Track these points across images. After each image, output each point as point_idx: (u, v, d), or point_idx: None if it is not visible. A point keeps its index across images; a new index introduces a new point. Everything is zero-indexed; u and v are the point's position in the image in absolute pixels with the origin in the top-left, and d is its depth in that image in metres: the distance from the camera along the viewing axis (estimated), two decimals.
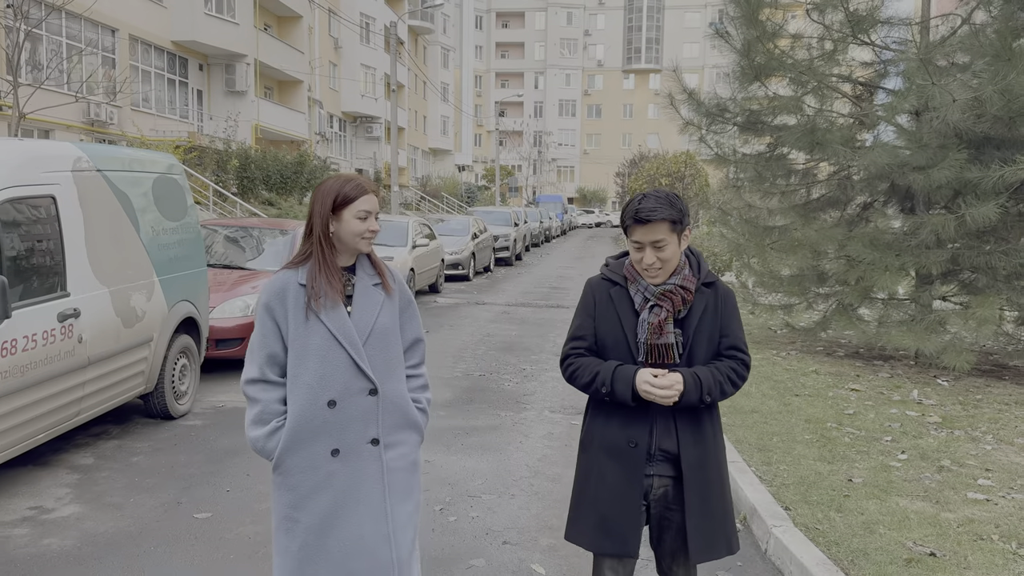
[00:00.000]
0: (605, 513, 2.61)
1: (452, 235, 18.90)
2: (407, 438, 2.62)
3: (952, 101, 8.22)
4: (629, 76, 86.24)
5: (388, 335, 2.59)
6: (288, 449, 2.50)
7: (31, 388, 4.70)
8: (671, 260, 2.56)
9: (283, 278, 2.54)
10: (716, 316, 2.63)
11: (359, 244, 2.55)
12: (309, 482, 2.49)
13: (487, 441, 6.16)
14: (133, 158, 6.22)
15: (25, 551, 4.07)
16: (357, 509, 2.51)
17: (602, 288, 2.69)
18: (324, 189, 2.54)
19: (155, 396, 6.26)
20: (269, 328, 2.52)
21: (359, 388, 2.51)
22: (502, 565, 4.03)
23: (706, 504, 2.60)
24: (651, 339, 2.57)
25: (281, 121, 31.23)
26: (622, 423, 2.60)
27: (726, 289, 2.68)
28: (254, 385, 2.53)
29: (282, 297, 2.51)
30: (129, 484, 5.05)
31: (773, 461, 5.40)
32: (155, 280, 6.12)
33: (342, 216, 2.51)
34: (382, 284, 2.61)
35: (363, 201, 2.52)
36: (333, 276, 2.52)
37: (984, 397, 7.71)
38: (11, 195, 4.67)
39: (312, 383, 2.48)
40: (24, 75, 16.26)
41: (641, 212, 2.51)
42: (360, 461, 2.52)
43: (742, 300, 11.58)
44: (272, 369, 2.53)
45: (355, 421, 2.51)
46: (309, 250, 2.54)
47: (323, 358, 2.48)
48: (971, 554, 3.97)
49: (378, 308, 2.57)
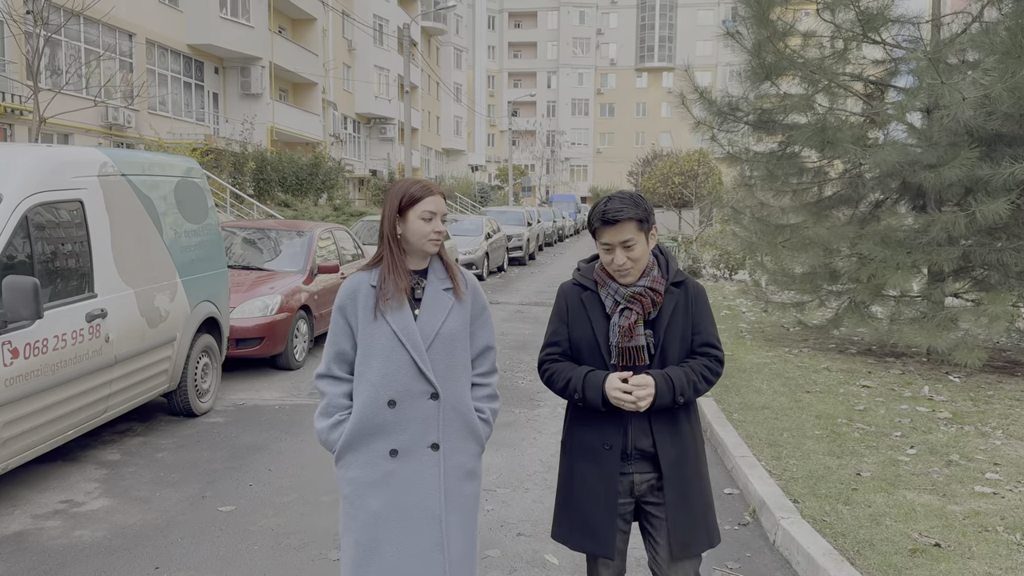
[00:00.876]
0: (584, 514, 2.67)
1: (465, 235, 19.05)
2: (467, 447, 2.62)
3: (962, 99, 8.27)
4: (642, 75, 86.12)
5: (455, 341, 2.59)
6: (349, 444, 2.55)
7: (61, 386, 4.87)
8: (641, 259, 2.59)
9: (357, 279, 2.60)
10: (687, 315, 2.65)
11: (425, 245, 2.56)
12: (366, 479, 2.54)
13: (502, 437, 6.28)
14: (155, 162, 6.39)
15: (58, 542, 4.24)
16: (412, 512, 2.53)
17: (574, 293, 2.72)
18: (393, 192, 2.59)
19: (178, 394, 6.42)
20: (340, 327, 2.59)
21: (420, 391, 2.53)
22: (516, 555, 4.15)
23: (685, 500, 2.63)
24: (622, 342, 2.59)
25: (296, 123, 31.48)
26: (597, 426, 2.64)
27: (696, 286, 2.70)
28: (322, 380, 2.62)
29: (354, 297, 2.57)
30: (155, 479, 5.21)
31: (783, 456, 5.49)
32: (178, 281, 6.29)
33: (408, 217, 2.54)
34: (453, 289, 2.62)
35: (428, 202, 2.55)
36: (400, 278, 2.55)
37: (996, 393, 7.76)
38: (42, 199, 4.84)
39: (375, 381, 2.52)
40: (44, 80, 16.54)
41: (608, 213, 2.54)
42: (418, 464, 2.54)
43: (754, 298, 11.67)
44: (339, 366, 2.60)
45: (415, 423, 2.53)
46: (381, 253, 2.59)
47: (386, 358, 2.52)
48: (975, 545, 4.06)
49: (445, 312, 2.58)
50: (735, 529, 4.57)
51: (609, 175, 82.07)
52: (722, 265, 19.77)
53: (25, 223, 4.68)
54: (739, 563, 4.11)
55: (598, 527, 2.63)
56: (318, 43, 34.53)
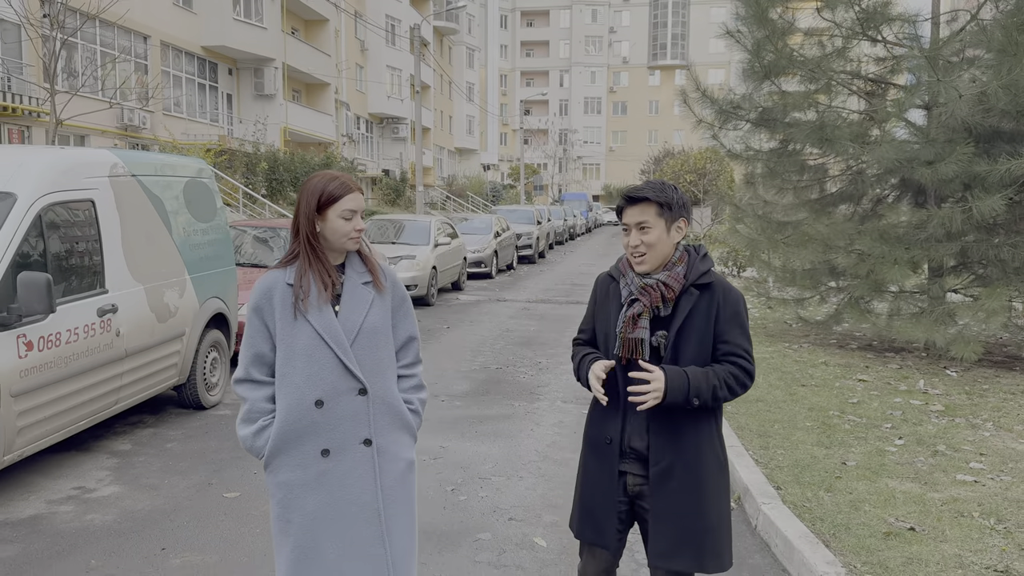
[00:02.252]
0: (589, 504, 2.71)
1: (475, 234, 19.23)
2: (400, 438, 2.59)
3: (959, 97, 8.37)
4: (655, 72, 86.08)
5: (378, 334, 2.55)
6: (277, 448, 2.50)
7: (73, 378, 5.09)
8: (656, 246, 2.54)
9: (271, 278, 2.53)
10: (708, 320, 2.53)
11: (346, 244, 2.53)
12: (299, 481, 2.49)
13: (500, 428, 6.46)
14: (165, 163, 6.61)
15: (70, 525, 4.45)
16: (349, 509, 2.50)
17: (604, 283, 2.76)
18: (309, 188, 2.51)
19: (187, 387, 6.64)
20: (256, 328, 2.52)
21: (347, 388, 2.49)
22: (507, 538, 4.33)
23: (671, 510, 2.56)
24: (624, 332, 2.58)
25: (309, 123, 31.79)
26: (600, 419, 2.68)
27: (729, 293, 2.56)
28: (241, 384, 2.56)
29: (269, 297, 2.50)
30: (164, 467, 5.43)
31: (771, 446, 5.64)
32: (187, 278, 6.50)
33: (327, 216, 2.48)
34: (373, 282, 2.57)
35: (348, 200, 2.49)
36: (319, 275, 2.49)
37: (991, 387, 7.85)
38: (55, 199, 5.06)
39: (299, 383, 2.47)
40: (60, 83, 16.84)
41: (631, 191, 2.57)
42: (352, 461, 2.50)
43: (756, 295, 11.78)
44: (259, 369, 2.53)
45: (345, 421, 2.49)
46: (296, 250, 2.52)
47: (310, 358, 2.46)
48: (949, 529, 4.19)
49: (367, 307, 2.54)
50: None
51: (622, 173, 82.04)
52: (730, 263, 19.85)
53: (39, 222, 4.90)
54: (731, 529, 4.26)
55: (599, 518, 2.67)
56: (331, 44, 34.83)
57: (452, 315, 12.97)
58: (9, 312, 4.49)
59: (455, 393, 7.63)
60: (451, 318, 12.56)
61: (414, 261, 13.76)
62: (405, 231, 15.27)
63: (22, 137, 20.14)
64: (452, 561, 4.05)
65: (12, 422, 4.56)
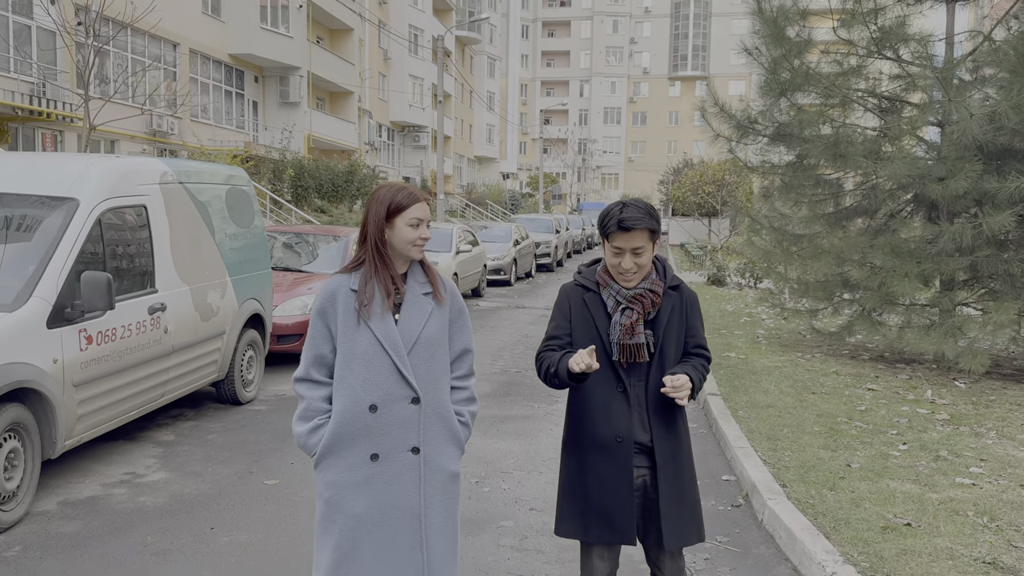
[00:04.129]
0: (603, 507, 2.76)
1: (495, 241, 19.60)
2: (447, 450, 2.65)
3: (970, 116, 8.64)
4: (675, 83, 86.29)
5: (435, 345, 2.62)
6: (329, 448, 2.56)
7: (126, 371, 5.47)
8: (646, 266, 2.77)
9: (336, 283, 2.60)
10: (682, 317, 2.85)
11: (411, 251, 2.61)
12: (347, 482, 2.55)
13: (520, 428, 6.79)
14: (209, 171, 7.01)
15: (125, 506, 4.82)
16: (392, 514, 2.55)
17: (576, 293, 2.87)
18: (378, 197, 2.61)
19: (226, 383, 7.02)
20: (319, 330, 2.60)
21: (401, 395, 2.55)
22: (528, 526, 4.65)
23: (678, 493, 2.78)
24: (623, 339, 2.75)
25: (332, 131, 32.34)
26: (605, 420, 2.77)
27: (690, 292, 2.90)
28: (300, 383, 2.63)
29: (333, 301, 2.58)
30: (206, 456, 5.79)
31: (779, 448, 5.92)
32: (228, 280, 6.89)
33: (395, 224, 2.58)
34: (433, 293, 2.65)
35: (415, 209, 2.59)
36: (383, 283, 2.57)
37: (998, 398, 8.08)
38: (113, 205, 5.45)
39: (356, 386, 2.54)
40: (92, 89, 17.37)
41: (625, 221, 2.70)
42: (399, 467, 2.56)
43: (771, 305, 12.05)
44: (319, 370, 2.61)
45: (395, 428, 2.56)
46: (362, 256, 2.61)
47: (368, 363, 2.53)
48: (944, 525, 4.47)
49: (426, 317, 2.61)
50: (728, 510, 5.02)
51: (640, 184, 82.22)
52: (747, 274, 20.08)
53: (99, 225, 5.29)
54: (728, 538, 4.56)
55: (617, 517, 2.74)
56: (355, 53, 35.41)
57: (473, 321, 13.28)
58: (73, 308, 4.88)
59: (477, 394, 7.93)
60: (472, 323, 12.90)
61: (436, 267, 14.10)
62: None
63: (55, 142, 20.74)
64: (478, 544, 4.38)
65: (73, 410, 4.94)
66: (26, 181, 5.34)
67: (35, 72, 19.25)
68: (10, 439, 4.50)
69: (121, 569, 4.00)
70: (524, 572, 4.09)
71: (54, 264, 4.88)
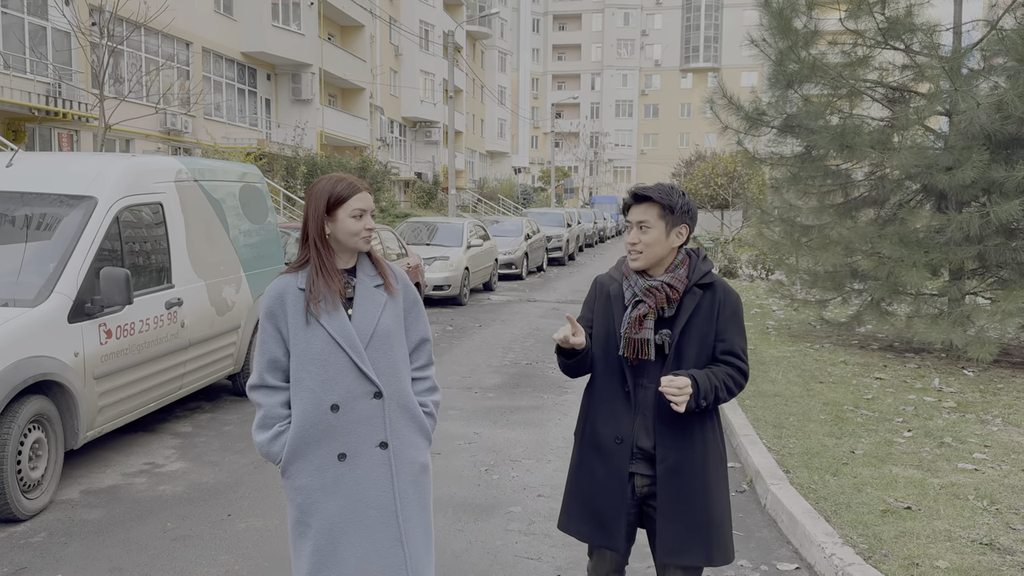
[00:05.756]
0: (594, 506, 2.68)
1: (506, 236, 19.71)
2: (415, 441, 2.61)
3: (976, 106, 8.67)
4: (687, 75, 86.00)
5: (391, 337, 2.56)
6: (294, 453, 2.51)
7: (145, 364, 5.62)
8: (652, 247, 2.59)
9: (282, 283, 2.52)
10: (711, 319, 2.60)
11: (357, 243, 2.53)
12: (316, 486, 2.50)
13: (530, 418, 6.90)
14: (223, 169, 7.15)
15: (145, 494, 4.98)
16: (368, 513, 2.52)
17: (604, 284, 2.77)
18: (316, 191, 2.52)
19: (242, 376, 7.17)
20: (270, 334, 2.52)
21: (363, 391, 2.50)
22: (536, 512, 4.77)
23: (679, 507, 2.59)
24: (629, 333, 2.60)
25: (344, 127, 32.53)
26: (608, 419, 2.66)
27: (728, 293, 2.64)
28: (256, 391, 2.56)
29: (282, 302, 2.50)
30: (223, 447, 5.95)
31: (784, 435, 6.01)
32: (242, 275, 7.04)
33: (337, 216, 2.49)
34: (384, 285, 2.59)
35: (356, 200, 2.50)
36: (331, 279, 2.50)
37: (1006, 386, 8.12)
38: (130, 202, 5.61)
39: (314, 387, 2.47)
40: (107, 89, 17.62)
41: (637, 189, 2.62)
42: (368, 465, 2.52)
43: (781, 296, 12.09)
44: (273, 375, 2.54)
45: (361, 425, 2.51)
46: (307, 254, 2.53)
47: (324, 362, 2.47)
48: (944, 508, 4.55)
49: (380, 310, 2.55)
50: (733, 496, 5.10)
51: (654, 176, 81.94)
52: (759, 266, 20.10)
53: (116, 222, 5.44)
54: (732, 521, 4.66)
55: (606, 519, 2.65)
56: (366, 49, 35.57)
57: (484, 314, 13.44)
58: (93, 303, 5.03)
59: (487, 386, 8.09)
60: (483, 317, 13.03)
61: (447, 262, 14.26)
62: (439, 233, 15.78)
63: (71, 141, 21.01)
64: (487, 528, 4.51)
65: (94, 402, 5.09)
66: (46, 180, 5.50)
67: (51, 73, 19.51)
68: (34, 430, 4.66)
69: (142, 553, 4.15)
70: (531, 555, 4.21)
71: (74, 261, 5.03)
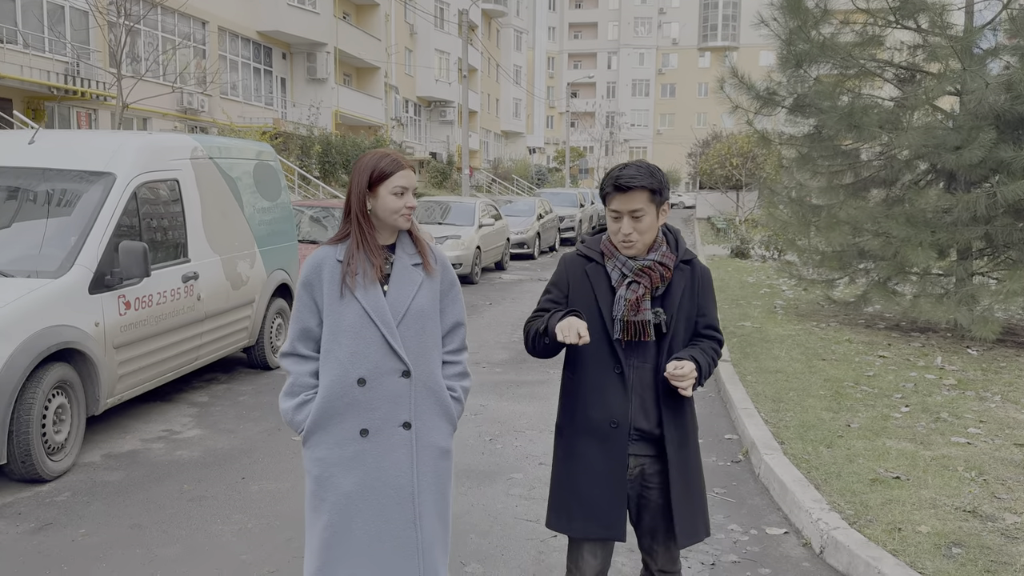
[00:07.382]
0: (590, 498, 2.56)
1: (518, 216, 19.84)
2: (439, 425, 2.57)
3: (985, 86, 8.69)
4: (704, 54, 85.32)
5: (425, 317, 2.53)
6: (317, 424, 2.49)
7: (162, 335, 5.83)
8: (647, 232, 2.52)
9: (321, 254, 2.52)
10: (694, 295, 2.60)
11: (396, 221, 2.51)
12: (336, 459, 2.48)
13: (535, 391, 7.08)
14: (237, 147, 7.32)
15: (164, 459, 5.20)
16: (384, 491, 2.48)
17: (577, 264, 2.63)
18: (360, 166, 2.51)
19: (256, 349, 7.39)
20: (305, 303, 2.51)
21: (391, 368, 2.47)
22: (536, 478, 4.95)
23: (689, 486, 2.59)
24: (627, 316, 2.51)
25: (359, 107, 32.64)
26: (599, 404, 2.56)
27: (703, 268, 2.65)
28: (287, 358, 2.55)
29: (319, 272, 2.50)
30: (238, 416, 6.17)
31: (782, 409, 6.15)
32: (256, 251, 7.23)
33: (378, 193, 2.48)
34: (423, 264, 2.56)
35: (399, 177, 2.48)
36: (372, 253, 2.49)
37: (1008, 365, 8.21)
38: (147, 179, 5.79)
39: (343, 359, 2.45)
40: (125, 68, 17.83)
41: (621, 179, 2.48)
42: (390, 443, 2.49)
43: (788, 275, 12.19)
44: (305, 344, 2.52)
45: (385, 402, 2.48)
46: (349, 227, 2.52)
47: (356, 335, 2.45)
48: (932, 479, 4.69)
49: (415, 288, 2.52)
50: (728, 465, 5.28)
51: (670, 156, 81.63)
52: (771, 246, 20.12)
53: (134, 198, 5.63)
54: (725, 489, 4.83)
55: (606, 510, 2.54)
56: (381, 28, 35.59)
57: (494, 292, 13.61)
58: (112, 275, 5.23)
59: (495, 361, 8.27)
60: (493, 295, 13.20)
61: (459, 241, 14.42)
62: (451, 212, 15.93)
63: (89, 120, 21.28)
64: (489, 493, 4.69)
65: (114, 370, 5.31)
66: (66, 157, 5.69)
67: (69, 52, 19.74)
68: (58, 396, 4.88)
69: (160, 512, 4.37)
70: (530, 517, 4.39)
71: (94, 234, 5.23)
